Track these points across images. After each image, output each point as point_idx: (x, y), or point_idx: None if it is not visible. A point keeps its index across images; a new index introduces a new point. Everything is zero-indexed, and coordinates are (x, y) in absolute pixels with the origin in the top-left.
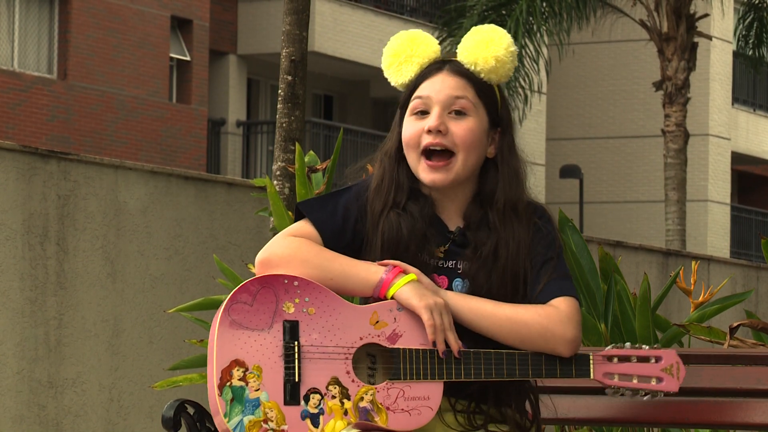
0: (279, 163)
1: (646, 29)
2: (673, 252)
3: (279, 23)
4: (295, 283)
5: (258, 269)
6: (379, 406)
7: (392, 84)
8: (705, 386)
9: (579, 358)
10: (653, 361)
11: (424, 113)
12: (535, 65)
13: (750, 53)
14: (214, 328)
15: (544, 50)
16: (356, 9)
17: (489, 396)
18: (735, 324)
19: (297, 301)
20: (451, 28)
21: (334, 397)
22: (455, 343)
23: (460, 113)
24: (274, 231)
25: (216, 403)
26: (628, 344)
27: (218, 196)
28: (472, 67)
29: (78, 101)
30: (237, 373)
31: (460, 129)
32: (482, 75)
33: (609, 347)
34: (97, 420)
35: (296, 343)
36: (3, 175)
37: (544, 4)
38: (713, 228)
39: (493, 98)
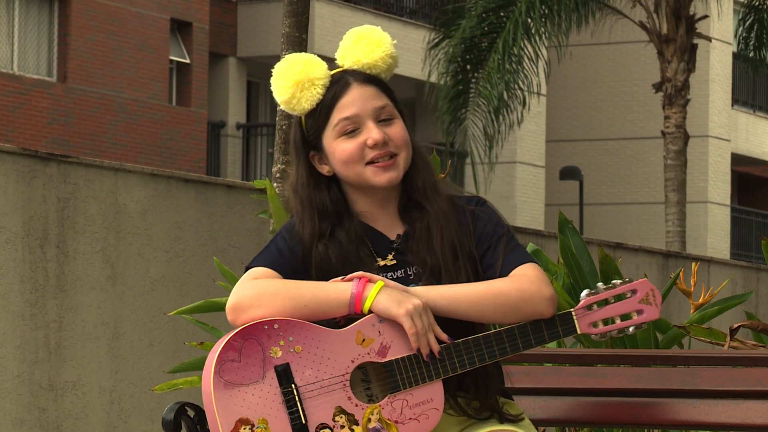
0: (279, 166)
1: (646, 31)
2: (673, 253)
3: (278, 26)
4: (276, 326)
5: (230, 316)
6: (388, 422)
7: (295, 113)
8: (705, 388)
9: (561, 317)
10: (629, 295)
11: (353, 131)
12: (534, 67)
13: (750, 55)
14: (208, 393)
15: (543, 52)
16: (355, 11)
17: (489, 387)
18: (735, 325)
19: (282, 343)
20: (449, 30)
21: (342, 426)
22: (435, 345)
23: (387, 120)
24: (275, 233)
25: None
26: (600, 285)
27: (218, 199)
28: (372, 71)
29: (78, 104)
30: (244, 431)
31: (395, 132)
32: (382, 75)
33: (584, 293)
34: (97, 423)
35: (293, 385)
36: (3, 178)
37: (543, 7)
38: (713, 229)
39: (394, 94)
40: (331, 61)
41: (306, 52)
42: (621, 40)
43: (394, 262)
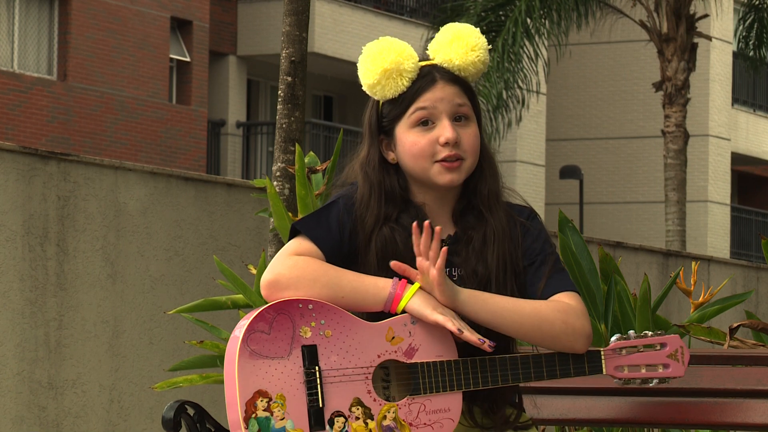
0: (279, 164)
1: (646, 30)
2: (673, 252)
3: (279, 24)
4: (310, 306)
5: (265, 291)
6: (402, 422)
7: (376, 97)
8: (705, 387)
9: (590, 354)
10: (658, 348)
11: (427, 123)
12: (533, 66)
13: (750, 54)
14: (232, 359)
15: (543, 51)
16: (356, 10)
17: (500, 397)
18: (735, 324)
19: (313, 324)
20: None
21: (357, 418)
22: (475, 336)
23: (463, 119)
24: (275, 232)
25: None
26: (631, 332)
27: (218, 197)
28: (461, 73)
29: (78, 102)
30: (261, 404)
31: (468, 136)
32: (469, 79)
33: (614, 338)
34: (97, 421)
35: (317, 368)
36: (3, 176)
37: (543, 8)
38: (713, 228)
39: (476, 98)
40: (331, 61)
41: (306, 51)
42: (621, 39)
43: None
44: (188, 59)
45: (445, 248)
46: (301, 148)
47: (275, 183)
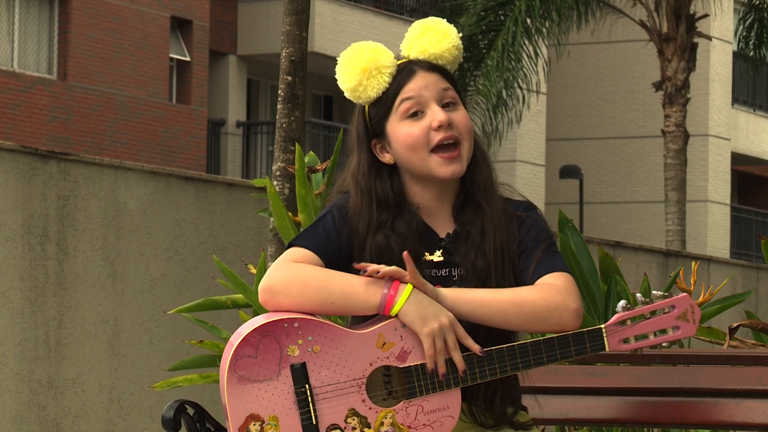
0: (279, 164)
1: (646, 30)
2: (673, 252)
3: (279, 24)
4: (295, 324)
5: (261, 297)
6: (400, 426)
7: (360, 101)
8: (705, 386)
9: (591, 333)
10: (667, 310)
11: (416, 114)
12: (533, 65)
13: (750, 54)
14: (222, 387)
15: (543, 50)
16: (356, 9)
17: (498, 394)
18: (735, 324)
19: (300, 342)
20: None
21: (354, 428)
22: (461, 364)
23: (451, 104)
24: (275, 231)
25: None
26: (639, 296)
27: (218, 197)
28: (438, 61)
29: (78, 102)
30: (254, 428)
31: (460, 118)
32: (447, 66)
33: (620, 305)
34: (97, 420)
35: (307, 385)
36: (3, 175)
37: (542, 8)
38: (713, 228)
39: (458, 85)
40: (331, 61)
41: (306, 50)
42: (621, 38)
43: (441, 259)
44: (188, 59)
45: (405, 253)
46: (301, 148)
47: (275, 182)
